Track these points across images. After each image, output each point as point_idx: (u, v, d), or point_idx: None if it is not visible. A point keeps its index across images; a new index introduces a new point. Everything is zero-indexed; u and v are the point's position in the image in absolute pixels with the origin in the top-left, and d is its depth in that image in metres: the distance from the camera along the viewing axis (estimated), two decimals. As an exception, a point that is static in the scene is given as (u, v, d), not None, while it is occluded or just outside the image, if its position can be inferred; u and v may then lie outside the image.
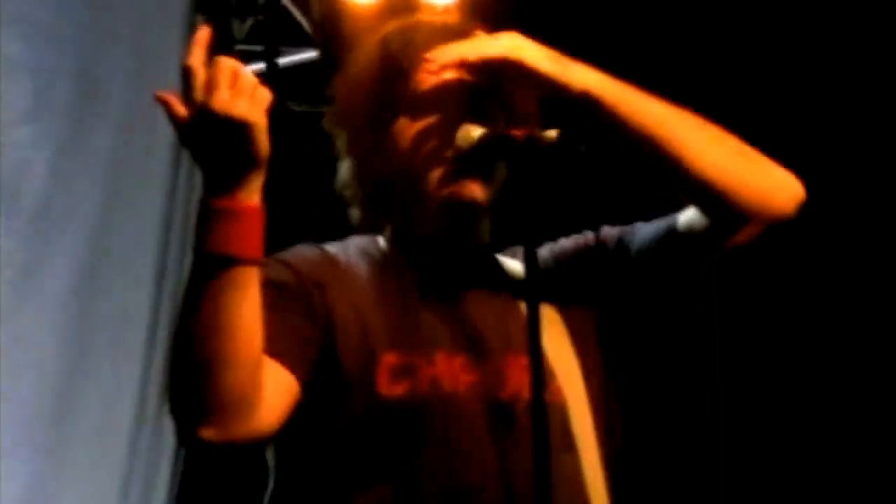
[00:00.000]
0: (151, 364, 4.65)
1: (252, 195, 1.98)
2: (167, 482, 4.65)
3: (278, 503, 2.38)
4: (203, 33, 2.01)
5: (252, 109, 1.95)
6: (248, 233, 2.01)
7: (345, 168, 2.39)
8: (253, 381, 2.06)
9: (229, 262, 1.97)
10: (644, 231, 2.45)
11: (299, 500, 2.36)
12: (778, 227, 2.52)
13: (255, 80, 1.96)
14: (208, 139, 1.95)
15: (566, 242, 2.52)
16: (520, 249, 2.35)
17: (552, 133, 2.18)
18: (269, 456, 2.42)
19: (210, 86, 1.93)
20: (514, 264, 2.45)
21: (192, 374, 2.02)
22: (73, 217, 4.45)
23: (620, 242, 2.45)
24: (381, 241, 2.42)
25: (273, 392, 2.16)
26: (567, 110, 2.39)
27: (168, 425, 4.59)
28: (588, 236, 2.49)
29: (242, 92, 1.94)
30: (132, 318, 4.54)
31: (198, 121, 1.93)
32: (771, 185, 2.37)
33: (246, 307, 2.03)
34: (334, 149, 2.46)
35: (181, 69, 1.99)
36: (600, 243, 2.48)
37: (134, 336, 4.61)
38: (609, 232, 2.48)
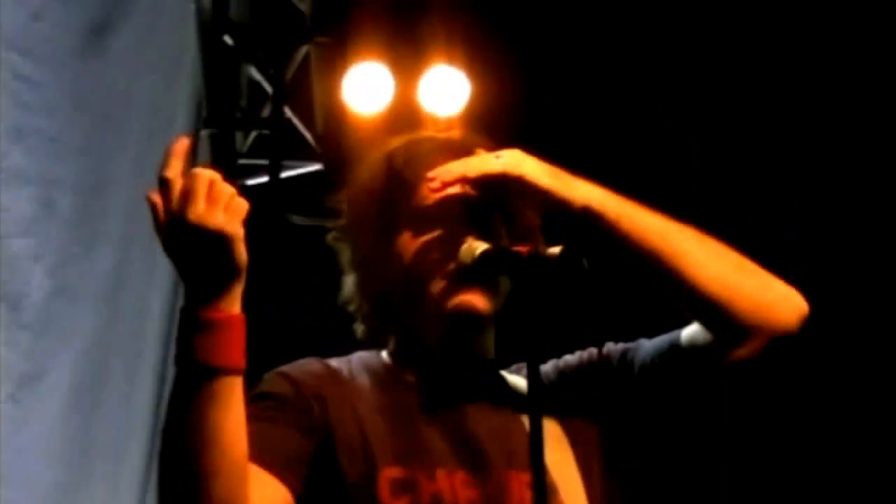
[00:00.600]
0: (149, 479, 4.67)
1: (233, 304, 2.00)
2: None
3: None
4: (180, 145, 2.02)
5: (228, 220, 1.98)
6: (230, 343, 2.03)
7: (349, 282, 2.39)
8: (238, 490, 2.07)
9: (213, 373, 1.99)
10: (647, 347, 2.44)
11: None
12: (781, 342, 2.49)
13: (231, 190, 1.98)
14: (186, 249, 1.98)
15: (570, 358, 2.50)
16: (523, 365, 2.34)
17: (555, 249, 2.20)
18: None
19: (186, 197, 1.96)
20: (517, 379, 2.44)
21: (178, 486, 2.06)
22: (74, 330, 4.44)
23: (624, 358, 2.44)
24: (385, 354, 2.42)
25: (261, 501, 2.19)
26: (569, 226, 2.41)
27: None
28: (592, 352, 2.47)
29: (218, 202, 1.96)
30: (132, 434, 4.61)
31: (174, 231, 1.96)
32: (773, 299, 2.38)
33: (230, 417, 2.05)
34: (337, 263, 2.45)
35: (158, 180, 2.01)
36: (604, 359, 2.47)
37: (132, 451, 4.67)
38: (613, 348, 2.48)
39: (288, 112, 4.76)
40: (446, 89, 4.68)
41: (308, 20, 4.77)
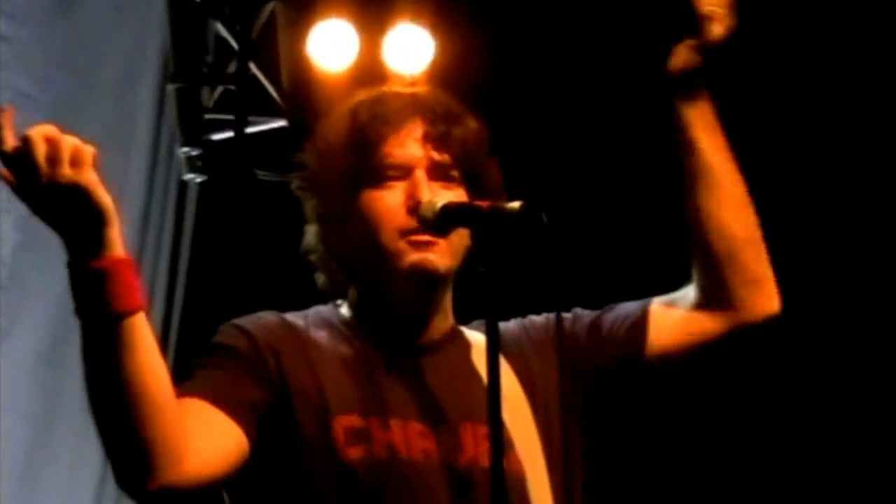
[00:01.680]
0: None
1: (114, 248, 2.01)
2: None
3: None
4: (4, 117, 2.04)
5: (76, 172, 1.99)
6: (122, 286, 2.03)
7: (311, 233, 2.40)
8: (172, 428, 2.10)
9: (113, 320, 2.01)
10: (617, 312, 2.49)
11: None
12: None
13: (72, 141, 1.99)
14: (49, 209, 1.99)
15: (536, 318, 2.52)
16: (483, 322, 2.34)
17: (516, 204, 2.19)
18: None
19: (27, 163, 1.99)
20: (476, 335, 2.44)
21: (111, 436, 2.07)
22: (42, 284, 4.53)
23: (592, 325, 2.47)
24: (344, 308, 2.43)
25: (216, 437, 2.21)
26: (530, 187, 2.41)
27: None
28: (562, 314, 2.51)
29: (61, 160, 1.99)
30: None
31: (32, 197, 1.98)
32: (765, 280, 2.43)
33: (142, 359, 2.06)
34: (302, 217, 2.45)
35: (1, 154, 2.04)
36: (573, 322, 2.50)
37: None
38: (582, 313, 2.51)
39: (254, 68, 4.74)
40: (411, 47, 4.63)
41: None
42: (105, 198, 2.02)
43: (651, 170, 5.38)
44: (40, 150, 1.96)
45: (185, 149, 4.92)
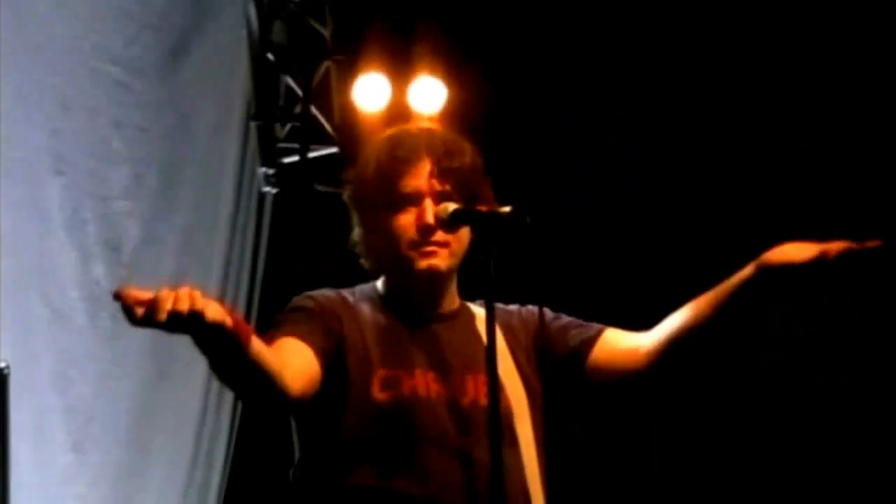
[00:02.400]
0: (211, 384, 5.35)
1: (237, 331, 2.31)
2: (223, 459, 5.43)
3: (299, 473, 2.73)
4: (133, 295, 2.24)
5: (194, 306, 2.25)
6: (245, 335, 2.34)
7: (356, 233, 2.78)
8: (280, 375, 2.46)
9: (246, 354, 2.35)
10: (578, 329, 2.78)
11: (313, 471, 2.70)
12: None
13: (186, 289, 2.25)
14: (186, 332, 2.27)
15: (531, 307, 2.85)
16: (483, 300, 2.66)
17: (506, 208, 2.58)
18: (295, 438, 2.78)
19: (160, 307, 2.23)
20: (479, 309, 2.76)
21: (251, 391, 2.54)
22: (158, 271, 5.20)
23: (562, 327, 2.80)
24: (379, 285, 2.79)
25: (306, 361, 2.58)
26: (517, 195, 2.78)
27: (223, 415, 5.51)
28: (546, 312, 2.79)
29: (182, 302, 2.24)
30: (197, 358, 5.13)
31: (172, 327, 2.24)
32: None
33: (255, 350, 2.40)
34: (349, 219, 2.84)
35: (142, 304, 2.25)
36: (553, 318, 2.82)
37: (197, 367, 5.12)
38: (563, 316, 2.82)
39: (314, 109, 5.41)
40: (428, 94, 5.36)
41: (329, 43, 5.43)
42: (215, 313, 2.30)
43: (651, 170, 5.48)
44: (169, 301, 2.23)
45: (263, 169, 5.56)
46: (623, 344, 2.78)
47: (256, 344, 2.40)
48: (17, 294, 4.99)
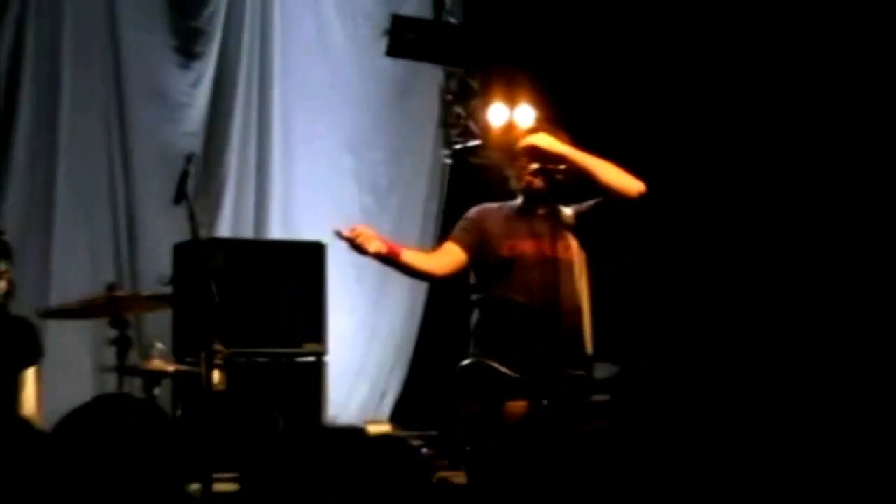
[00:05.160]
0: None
1: (394, 254, 4.01)
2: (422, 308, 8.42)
3: (474, 290, 4.37)
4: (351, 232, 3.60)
5: (369, 245, 3.91)
6: (395, 255, 3.98)
7: (507, 171, 4.48)
8: (430, 267, 4.23)
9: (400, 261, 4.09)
10: (588, 204, 4.38)
11: (478, 289, 4.37)
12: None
13: (367, 231, 3.81)
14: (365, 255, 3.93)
15: (579, 205, 4.39)
16: (556, 204, 4.25)
17: (560, 166, 4.33)
18: (472, 275, 4.40)
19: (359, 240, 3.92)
20: (565, 208, 4.35)
21: (417, 278, 4.40)
22: (387, 211, 8.08)
23: (585, 209, 4.36)
24: (519, 198, 4.46)
25: (453, 257, 4.33)
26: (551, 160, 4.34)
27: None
28: (581, 204, 4.37)
29: (368, 239, 3.93)
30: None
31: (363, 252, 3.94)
32: (627, 183, 4.38)
33: (409, 258, 4.09)
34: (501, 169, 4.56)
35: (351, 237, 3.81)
36: (580, 209, 4.38)
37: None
38: (581, 205, 4.40)
39: (470, 123, 8.44)
40: (525, 114, 7.94)
41: (477, 91, 8.34)
42: (379, 247, 3.92)
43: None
44: (363, 235, 3.83)
45: (445, 151, 8.59)
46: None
47: (405, 256, 4.12)
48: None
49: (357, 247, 4.09)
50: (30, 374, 5.22)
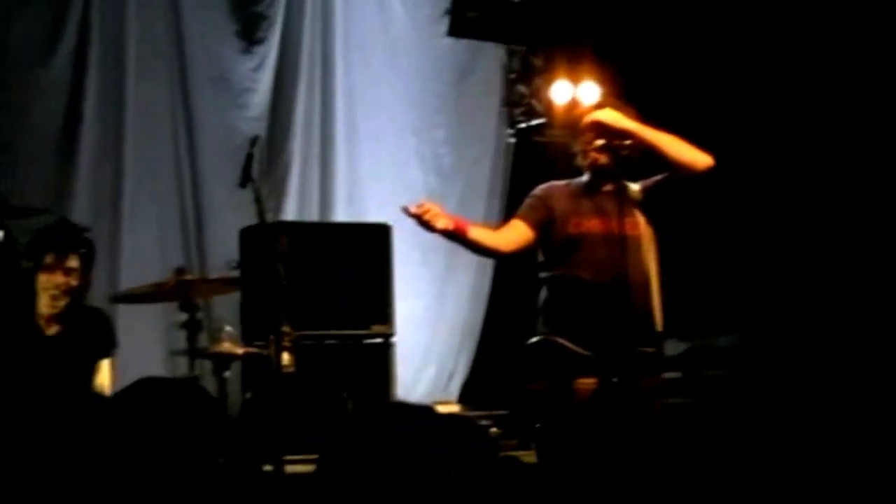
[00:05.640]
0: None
1: (461, 227, 4.11)
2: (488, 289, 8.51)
3: (541, 268, 4.39)
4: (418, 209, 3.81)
5: (437, 222, 3.96)
6: (462, 231, 4.05)
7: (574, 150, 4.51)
8: (499, 244, 4.29)
9: (468, 238, 4.16)
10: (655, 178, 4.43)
11: (545, 267, 4.39)
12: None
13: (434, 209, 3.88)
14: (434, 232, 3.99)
15: (644, 181, 4.45)
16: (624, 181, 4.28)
17: (626, 142, 4.39)
18: (540, 252, 4.44)
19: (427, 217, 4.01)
20: (632, 184, 4.41)
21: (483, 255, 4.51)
22: (452, 191, 8.17)
23: (652, 184, 4.42)
24: (585, 176, 4.50)
25: (520, 234, 4.38)
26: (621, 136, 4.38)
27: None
28: (649, 179, 4.42)
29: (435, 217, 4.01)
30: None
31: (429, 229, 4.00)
32: (694, 157, 4.40)
33: (477, 235, 4.16)
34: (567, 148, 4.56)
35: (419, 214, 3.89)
36: (647, 185, 4.44)
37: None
38: (647, 181, 4.46)
39: (534, 102, 8.58)
40: (589, 92, 8.00)
41: (540, 68, 8.45)
42: (447, 224, 3.99)
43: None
44: (431, 213, 3.92)
45: (509, 130, 8.66)
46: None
47: (472, 232, 4.20)
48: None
49: (424, 223, 4.14)
50: (104, 365, 5.29)
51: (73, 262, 5.16)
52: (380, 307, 6.94)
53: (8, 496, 2.80)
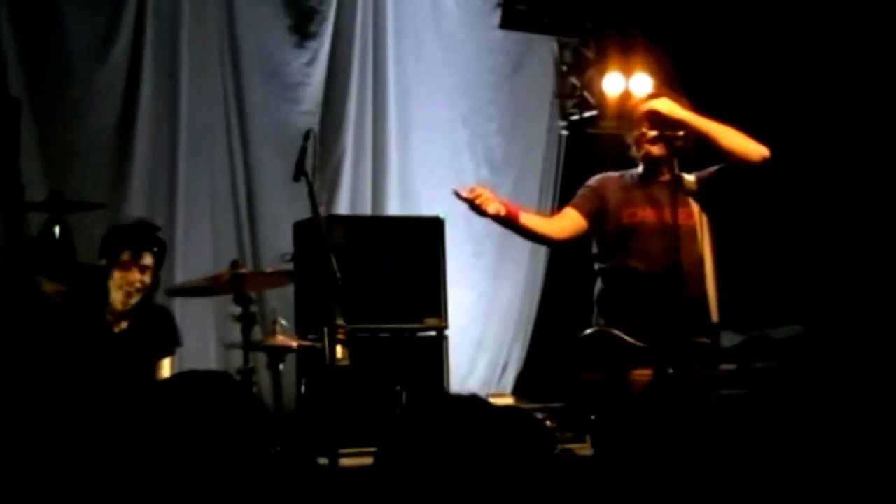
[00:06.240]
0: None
1: (512, 217, 4.07)
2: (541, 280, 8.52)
3: (596, 259, 4.37)
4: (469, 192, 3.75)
5: (488, 207, 3.95)
6: (513, 216, 4.03)
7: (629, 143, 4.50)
8: (550, 231, 4.29)
9: (518, 224, 4.15)
10: (710, 170, 4.42)
11: (599, 258, 4.39)
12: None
13: (485, 193, 3.84)
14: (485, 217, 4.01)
15: (699, 171, 4.40)
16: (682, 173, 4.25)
17: (680, 132, 4.34)
18: (594, 243, 4.40)
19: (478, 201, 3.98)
20: (687, 175, 4.37)
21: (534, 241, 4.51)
22: (503, 181, 8.11)
23: (707, 175, 4.39)
24: (640, 167, 4.49)
25: (572, 222, 4.38)
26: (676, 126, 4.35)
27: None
28: (704, 170, 4.38)
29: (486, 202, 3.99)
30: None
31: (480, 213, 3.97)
32: (750, 148, 4.36)
33: (528, 222, 4.13)
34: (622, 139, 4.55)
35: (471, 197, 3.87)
36: (704, 176, 4.39)
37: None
38: (702, 172, 4.44)
39: (586, 94, 8.61)
40: (641, 83, 8.08)
41: (592, 60, 8.47)
42: (498, 209, 3.96)
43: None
44: (483, 197, 3.91)
45: (561, 122, 8.66)
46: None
47: (524, 218, 4.18)
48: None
49: (476, 207, 4.09)
50: (166, 363, 5.33)
51: (148, 260, 5.21)
52: (433, 300, 6.92)
53: (58, 485, 2.87)
